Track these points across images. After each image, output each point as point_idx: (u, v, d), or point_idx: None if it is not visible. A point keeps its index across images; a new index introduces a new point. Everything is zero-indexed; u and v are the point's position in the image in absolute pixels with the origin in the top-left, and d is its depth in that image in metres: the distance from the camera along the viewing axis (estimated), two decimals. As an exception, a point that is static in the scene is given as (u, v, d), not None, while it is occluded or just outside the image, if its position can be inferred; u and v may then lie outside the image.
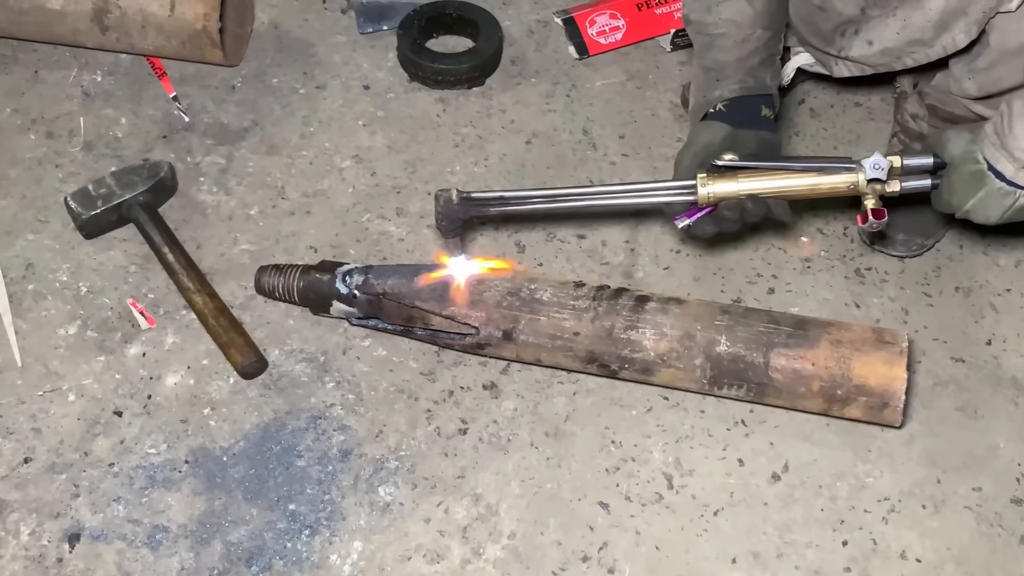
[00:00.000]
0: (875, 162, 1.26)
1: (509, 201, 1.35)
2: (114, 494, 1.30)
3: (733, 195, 1.28)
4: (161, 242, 1.50)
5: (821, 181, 1.28)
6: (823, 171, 1.28)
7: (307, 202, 1.62)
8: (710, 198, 1.29)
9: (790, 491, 1.32)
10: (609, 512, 1.30)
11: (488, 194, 1.35)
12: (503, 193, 1.35)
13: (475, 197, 1.33)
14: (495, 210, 1.35)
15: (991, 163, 1.24)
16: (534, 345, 1.37)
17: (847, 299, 1.52)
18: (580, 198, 1.33)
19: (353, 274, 1.42)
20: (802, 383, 1.30)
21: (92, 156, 1.66)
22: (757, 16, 1.38)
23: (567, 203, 1.33)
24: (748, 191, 1.28)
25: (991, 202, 1.27)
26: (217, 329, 1.42)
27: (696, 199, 1.29)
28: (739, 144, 1.33)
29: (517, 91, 1.80)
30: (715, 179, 1.29)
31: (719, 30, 1.39)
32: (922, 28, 1.37)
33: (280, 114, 1.74)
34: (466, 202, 1.32)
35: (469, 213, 1.33)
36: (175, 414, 1.37)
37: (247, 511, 1.29)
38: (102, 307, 1.48)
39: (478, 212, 1.34)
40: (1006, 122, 1.23)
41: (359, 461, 1.34)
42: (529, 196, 1.35)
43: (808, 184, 1.28)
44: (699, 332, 1.33)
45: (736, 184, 1.28)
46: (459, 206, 1.32)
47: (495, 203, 1.34)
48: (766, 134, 1.36)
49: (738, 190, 1.28)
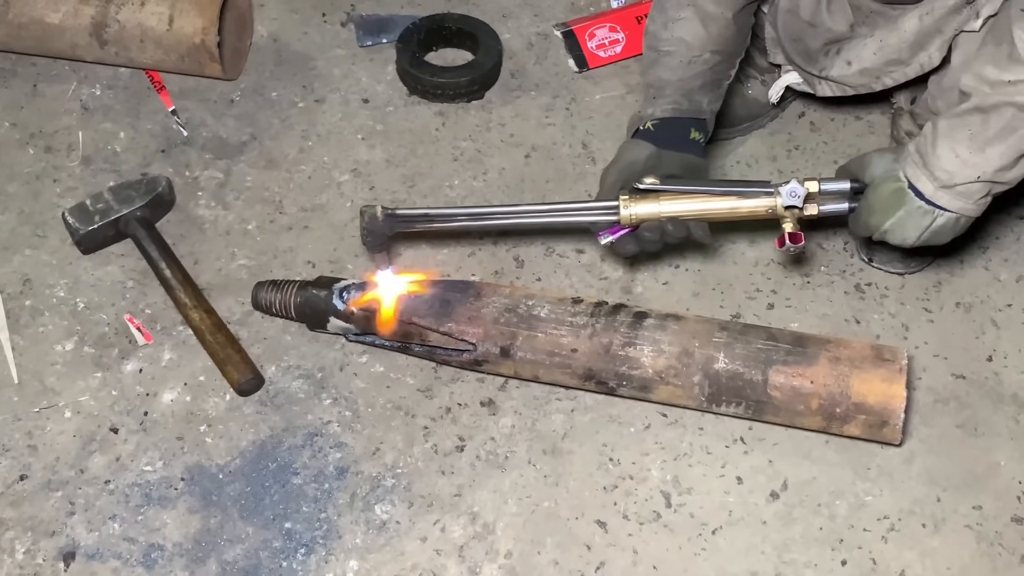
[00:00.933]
0: (791, 189, 1.29)
1: (434, 218, 1.37)
2: (110, 512, 1.30)
3: (654, 216, 1.31)
4: (158, 257, 1.50)
5: (740, 205, 1.31)
6: (742, 195, 1.31)
7: (305, 217, 1.62)
8: (632, 219, 1.31)
9: (789, 509, 1.32)
10: (607, 531, 1.29)
11: (413, 211, 1.39)
12: (428, 210, 1.39)
13: (400, 214, 1.35)
14: (420, 227, 1.37)
15: (912, 181, 1.26)
16: (532, 362, 1.36)
17: (847, 315, 1.51)
18: (505, 217, 1.36)
19: (351, 290, 1.41)
20: (801, 401, 1.30)
21: (90, 171, 1.66)
22: (709, 39, 1.39)
23: (491, 221, 1.36)
24: (669, 213, 1.31)
25: (910, 221, 1.28)
26: (214, 345, 1.42)
27: (618, 219, 1.31)
28: (663, 164, 1.35)
29: (516, 104, 1.80)
30: (637, 200, 1.31)
31: (668, 47, 1.40)
32: (898, 48, 1.39)
33: (279, 128, 1.74)
34: (391, 219, 1.35)
35: (394, 229, 1.36)
36: (171, 431, 1.37)
37: (243, 529, 1.28)
38: (99, 323, 1.48)
39: (403, 228, 1.36)
40: (929, 141, 1.25)
41: (356, 479, 1.33)
42: (454, 214, 1.38)
43: (727, 207, 1.31)
44: (697, 349, 1.32)
45: (657, 206, 1.31)
46: (384, 222, 1.34)
47: (420, 220, 1.37)
48: (691, 157, 1.37)
49: (659, 212, 1.31)
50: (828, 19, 1.45)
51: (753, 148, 1.73)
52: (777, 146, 1.72)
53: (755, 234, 1.60)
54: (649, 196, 1.31)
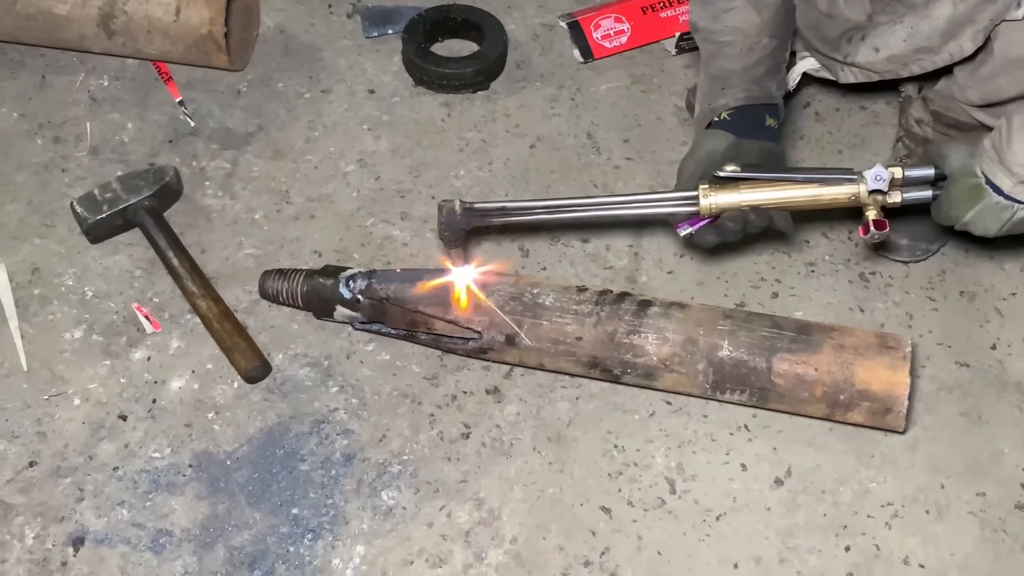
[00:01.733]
0: (876, 173, 1.27)
1: (511, 212, 1.36)
2: (118, 498, 1.31)
3: (735, 206, 1.30)
4: (166, 246, 1.51)
5: (822, 192, 1.29)
6: (825, 182, 1.29)
7: (311, 207, 1.63)
8: (712, 209, 1.30)
9: (793, 496, 1.32)
10: (611, 517, 1.30)
11: (491, 205, 1.36)
12: (505, 204, 1.37)
13: (478, 208, 1.35)
14: (498, 221, 1.36)
15: (989, 177, 1.25)
16: (537, 350, 1.37)
17: (851, 303, 1.52)
18: (582, 209, 1.35)
19: (357, 279, 1.42)
20: (805, 388, 1.30)
21: (98, 161, 1.67)
22: (764, 25, 1.38)
23: (569, 214, 1.35)
24: (750, 202, 1.29)
25: (989, 215, 1.27)
26: (221, 333, 1.43)
27: (698, 210, 1.30)
28: (742, 154, 1.33)
29: (522, 95, 1.80)
30: (717, 190, 1.30)
31: (726, 38, 1.39)
32: (929, 36, 1.36)
33: (285, 118, 1.75)
34: (469, 213, 1.34)
35: (472, 224, 1.35)
36: (179, 418, 1.38)
37: (250, 515, 1.29)
38: (107, 311, 1.49)
39: (481, 223, 1.35)
40: (1004, 137, 1.24)
41: (362, 465, 1.34)
42: (531, 207, 1.37)
43: (810, 195, 1.30)
44: (701, 337, 1.33)
45: (738, 195, 1.29)
46: (462, 217, 1.34)
47: (497, 214, 1.36)
48: (769, 144, 1.36)
49: (740, 201, 1.29)
50: (845, 9, 1.45)
51: (758, 138, 1.73)
52: (784, 136, 1.72)
53: (760, 223, 1.60)
54: (729, 185, 1.30)
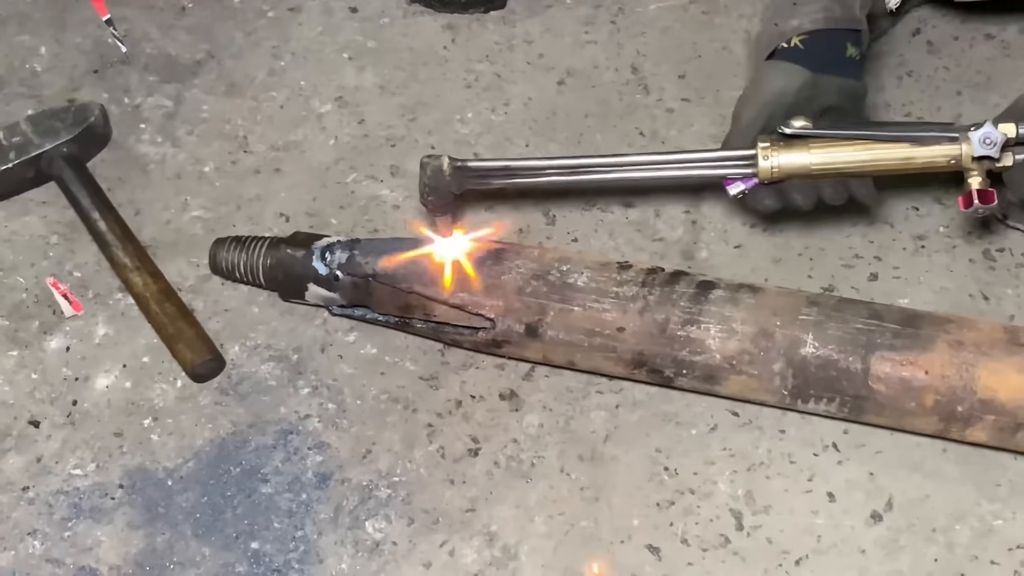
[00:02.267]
0: (985, 135, 1.27)
1: (516, 172, 1.37)
2: (28, 526, 1.32)
3: (804, 171, 1.31)
4: (90, 206, 1.52)
5: (915, 154, 1.30)
6: (918, 141, 1.30)
7: (277, 157, 1.64)
8: (775, 173, 1.31)
9: (895, 536, 1.33)
10: (660, 559, 1.31)
11: (489, 163, 1.38)
12: (509, 162, 1.39)
13: (473, 166, 1.36)
14: (498, 183, 1.37)
15: None
16: (566, 343, 1.37)
17: (972, 289, 1.52)
18: (608, 170, 1.36)
19: (335, 250, 1.43)
20: (912, 397, 1.31)
21: (2, 96, 1.68)
22: None
23: (590, 175, 1.36)
24: (823, 166, 1.31)
25: None
26: (161, 318, 1.44)
27: (757, 173, 1.30)
28: (819, 94, 1.34)
29: (547, 16, 1.81)
30: (781, 149, 1.31)
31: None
32: None
33: (243, 44, 1.75)
34: (461, 172, 1.35)
35: (464, 186, 1.36)
36: (107, 426, 1.39)
37: (197, 550, 1.30)
38: (15, 288, 1.50)
39: (476, 185, 1.36)
40: None
41: (341, 488, 1.35)
42: (542, 167, 1.38)
43: (899, 157, 1.31)
44: (779, 329, 1.33)
45: (808, 156, 1.31)
46: (451, 177, 1.34)
47: (498, 174, 1.37)
48: (851, 82, 1.36)
49: (811, 164, 1.31)
50: None
51: (853, 75, 1.73)
52: (885, 72, 1.72)
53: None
54: (796, 142, 1.31)
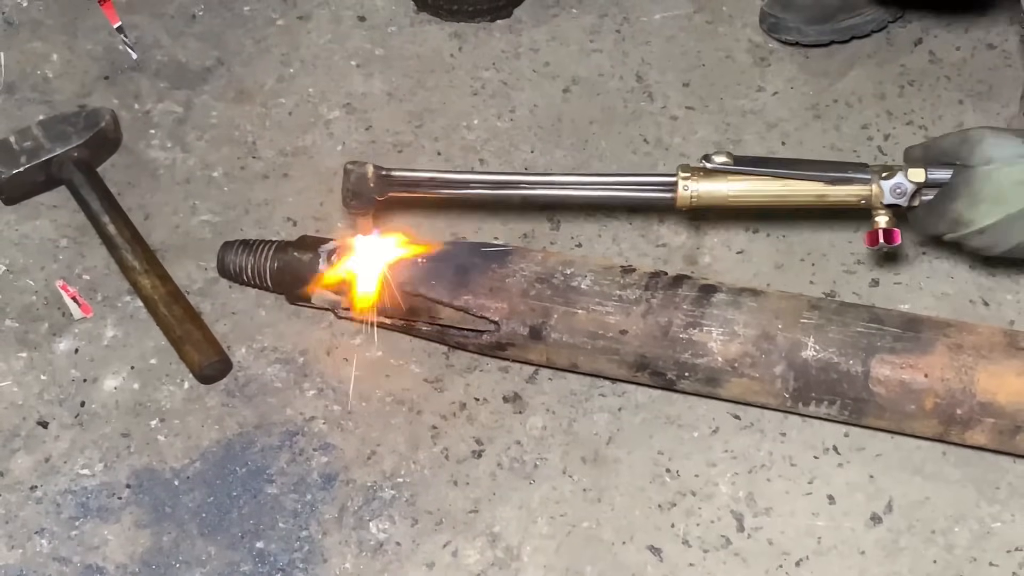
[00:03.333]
0: (896, 185, 1.33)
1: (442, 184, 1.39)
2: (36, 525, 1.32)
3: (721, 201, 1.36)
4: (100, 210, 1.53)
5: (828, 192, 1.36)
6: (832, 180, 1.35)
7: (285, 162, 1.65)
8: (693, 201, 1.36)
9: (894, 537, 1.33)
10: (662, 560, 1.31)
11: (415, 174, 1.41)
12: (435, 174, 1.42)
13: (397, 176, 1.39)
14: (422, 193, 1.40)
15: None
16: (569, 346, 1.38)
17: (972, 294, 1.52)
18: (534, 187, 1.39)
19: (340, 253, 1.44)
20: (912, 399, 1.31)
21: (14, 101, 1.69)
22: None
23: (516, 191, 1.39)
24: (739, 197, 1.36)
25: None
26: (169, 320, 1.44)
27: (675, 200, 1.36)
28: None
29: (553, 25, 1.82)
30: (701, 178, 1.36)
31: None
32: None
33: (252, 51, 1.76)
34: (384, 180, 1.37)
35: (386, 193, 1.38)
36: (115, 426, 1.40)
37: (203, 549, 1.31)
38: (25, 291, 1.51)
39: (399, 193, 1.39)
40: None
41: (346, 489, 1.36)
42: (468, 180, 1.41)
43: (812, 194, 1.36)
44: (780, 332, 1.33)
45: (726, 186, 1.36)
46: (375, 185, 1.37)
47: (423, 185, 1.39)
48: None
49: (728, 194, 1.36)
50: None
51: (856, 83, 1.74)
52: (887, 81, 1.73)
53: (856, 191, 1.61)
54: (716, 174, 1.35)
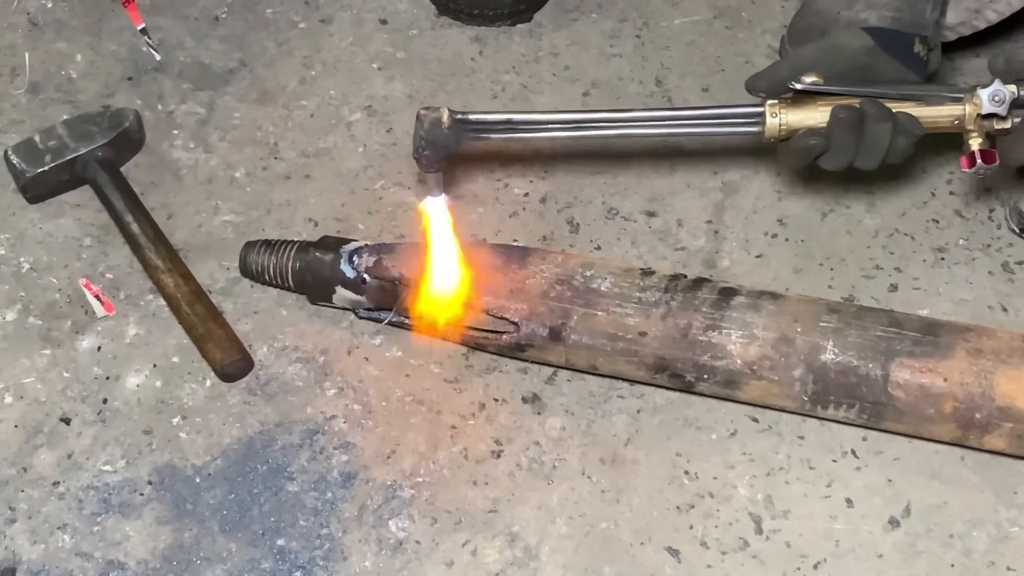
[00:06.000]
0: (994, 92, 1.27)
1: (518, 126, 1.35)
2: (59, 520, 1.33)
3: (812, 129, 1.32)
4: (124, 209, 1.53)
5: (920, 113, 1.31)
6: (924, 101, 1.31)
7: (306, 163, 1.65)
8: (782, 131, 1.32)
9: (912, 540, 1.33)
10: (680, 560, 1.31)
11: (491, 116, 1.34)
12: (511, 116, 1.35)
13: (473, 119, 1.32)
14: (499, 138, 1.35)
15: None
16: (588, 347, 1.38)
17: (991, 300, 1.52)
18: (611, 126, 1.34)
19: (362, 254, 1.44)
20: (931, 403, 1.31)
21: (39, 101, 1.70)
22: None
23: (593, 131, 1.34)
24: None
25: None
26: (192, 319, 1.45)
27: (763, 131, 1.32)
28: (875, 68, 1.35)
29: (573, 29, 1.82)
30: (789, 107, 1.32)
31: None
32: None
33: (275, 53, 1.77)
34: (460, 125, 1.31)
35: (462, 141, 1.32)
36: (137, 423, 1.41)
37: (224, 546, 1.31)
38: (48, 288, 1.52)
39: (475, 141, 1.33)
40: None
41: (365, 487, 1.36)
42: (544, 121, 1.35)
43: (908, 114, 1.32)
44: (799, 336, 1.33)
45: (816, 113, 1.32)
46: (451, 131, 1.31)
47: (499, 128, 1.33)
48: (911, 75, 1.37)
49: (818, 121, 1.32)
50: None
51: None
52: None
53: (874, 196, 1.61)
54: (805, 101, 1.32)
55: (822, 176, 1.61)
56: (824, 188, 1.62)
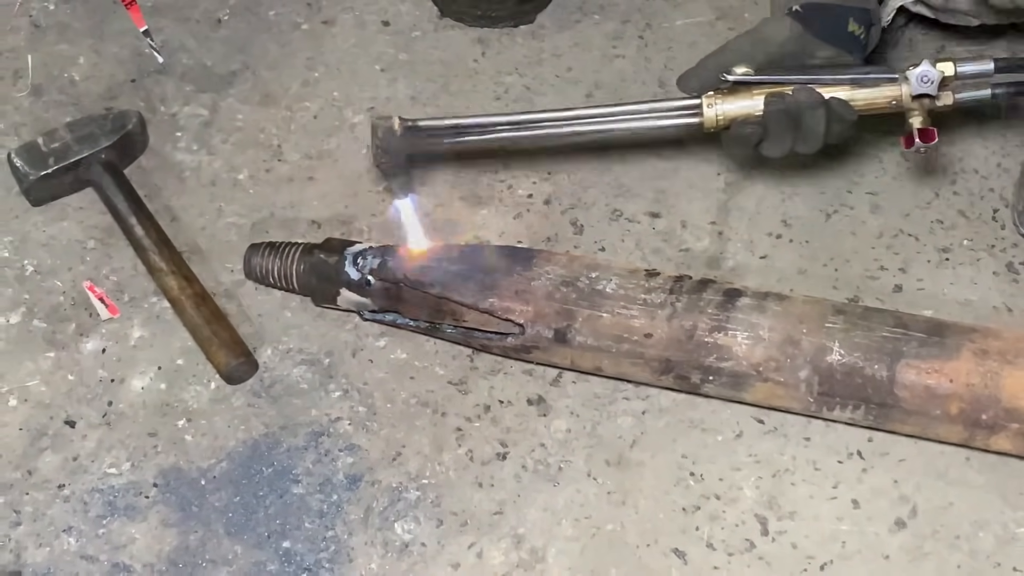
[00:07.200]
0: (922, 73, 1.32)
1: (466, 130, 1.40)
2: (64, 523, 1.33)
3: (748, 117, 1.35)
4: (127, 211, 1.53)
5: (856, 96, 1.34)
6: (858, 84, 1.34)
7: (310, 165, 1.65)
8: (720, 121, 1.35)
9: (918, 542, 1.33)
10: (686, 562, 1.31)
11: (439, 122, 1.42)
12: (459, 120, 1.43)
13: (424, 126, 1.39)
14: (449, 142, 1.41)
15: None
16: (594, 349, 1.38)
17: (996, 301, 1.52)
18: (555, 124, 1.40)
19: (367, 256, 1.44)
20: (937, 404, 1.31)
21: (42, 103, 1.70)
22: None
23: (540, 131, 1.40)
24: None
25: None
26: (196, 321, 1.45)
27: (702, 123, 1.35)
28: (807, 55, 1.36)
29: (576, 31, 1.82)
30: (725, 96, 1.35)
31: None
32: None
33: (277, 55, 1.77)
34: (412, 132, 1.38)
35: (416, 147, 1.40)
36: (142, 426, 1.40)
37: (230, 548, 1.31)
38: (52, 291, 1.51)
39: (428, 145, 1.39)
40: None
41: (371, 490, 1.36)
42: (492, 123, 1.42)
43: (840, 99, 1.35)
44: (805, 337, 1.33)
45: (751, 102, 1.35)
46: (403, 138, 1.37)
47: (449, 132, 1.40)
48: (845, 55, 1.38)
49: (754, 109, 1.35)
50: None
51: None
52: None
53: (878, 197, 1.61)
54: (741, 90, 1.34)
55: (825, 175, 1.62)
56: (828, 188, 1.62)
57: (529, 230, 1.58)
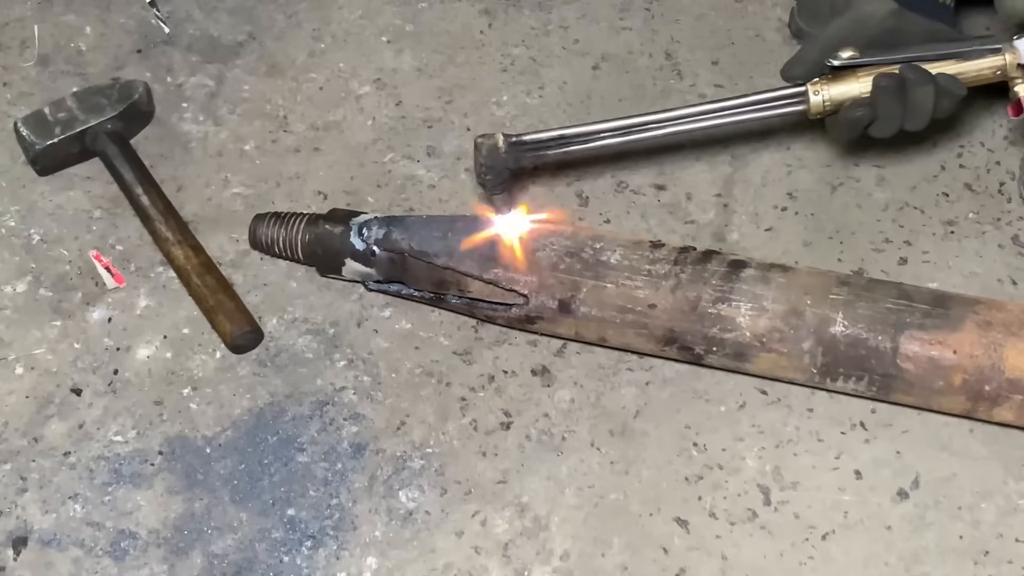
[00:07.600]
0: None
1: (571, 140, 1.37)
2: (70, 490, 1.34)
3: (855, 101, 1.33)
4: (133, 181, 1.54)
5: (962, 69, 1.33)
6: (963, 57, 1.32)
7: (316, 136, 1.65)
8: (827, 107, 1.33)
9: (921, 512, 1.33)
10: (689, 531, 1.32)
11: (543, 134, 1.37)
12: (563, 131, 1.37)
13: (528, 140, 1.35)
14: (554, 154, 1.37)
15: None
16: (598, 320, 1.38)
17: (1001, 274, 1.52)
18: (662, 126, 1.36)
19: (372, 226, 1.44)
20: (940, 376, 1.31)
21: (49, 73, 1.70)
22: None
23: (646, 134, 1.36)
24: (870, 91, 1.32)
25: None
26: (202, 291, 1.45)
27: (808, 110, 1.33)
28: (904, 30, 1.35)
29: (583, 2, 1.82)
30: (830, 82, 1.33)
31: None
32: None
33: (284, 26, 1.77)
34: (516, 147, 1.35)
35: (521, 162, 1.36)
36: (147, 394, 1.41)
37: (235, 516, 1.32)
38: (59, 260, 1.52)
39: (532, 160, 1.36)
40: None
41: (375, 458, 1.36)
42: (596, 131, 1.37)
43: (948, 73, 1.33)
44: (809, 308, 1.33)
45: (858, 84, 1.33)
46: (507, 154, 1.34)
47: (554, 144, 1.36)
48: (940, 26, 1.38)
49: (861, 92, 1.33)
50: None
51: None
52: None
53: (884, 170, 1.61)
54: (845, 74, 1.34)
55: (831, 148, 1.62)
56: (834, 161, 1.62)
57: (535, 201, 1.57)
